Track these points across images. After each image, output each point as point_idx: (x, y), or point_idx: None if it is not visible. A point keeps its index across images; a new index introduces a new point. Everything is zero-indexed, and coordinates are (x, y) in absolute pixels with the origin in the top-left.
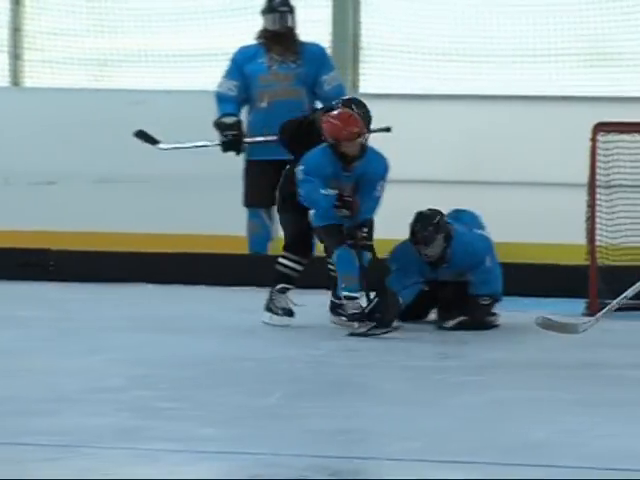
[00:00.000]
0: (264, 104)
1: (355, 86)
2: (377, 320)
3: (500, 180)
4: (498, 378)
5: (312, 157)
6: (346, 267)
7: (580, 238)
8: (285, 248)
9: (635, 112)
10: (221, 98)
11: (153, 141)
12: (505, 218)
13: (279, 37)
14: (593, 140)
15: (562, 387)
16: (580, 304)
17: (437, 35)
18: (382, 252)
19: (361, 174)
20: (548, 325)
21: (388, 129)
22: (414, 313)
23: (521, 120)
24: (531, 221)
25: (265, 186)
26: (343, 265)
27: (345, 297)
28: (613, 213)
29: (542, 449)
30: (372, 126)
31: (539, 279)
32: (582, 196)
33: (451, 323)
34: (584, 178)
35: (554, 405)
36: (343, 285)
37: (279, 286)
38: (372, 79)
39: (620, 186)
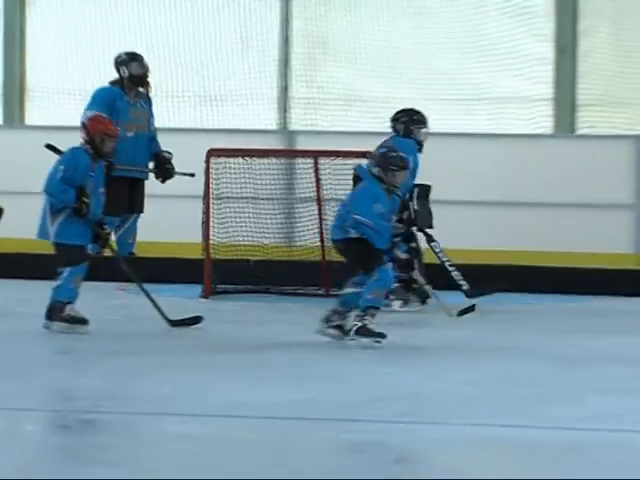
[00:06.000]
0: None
1: None
2: None
3: None
4: (138, 346)
5: None
6: None
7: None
8: None
9: (238, 141)
10: None
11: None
12: None
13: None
14: (207, 162)
15: (181, 353)
16: (197, 289)
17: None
18: None
19: None
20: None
21: (192, 174)
22: None
23: None
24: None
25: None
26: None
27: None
28: (223, 218)
29: (169, 401)
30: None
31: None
32: (199, 205)
33: None
34: (200, 191)
35: (175, 367)
36: None
37: None
38: None
39: (227, 198)
